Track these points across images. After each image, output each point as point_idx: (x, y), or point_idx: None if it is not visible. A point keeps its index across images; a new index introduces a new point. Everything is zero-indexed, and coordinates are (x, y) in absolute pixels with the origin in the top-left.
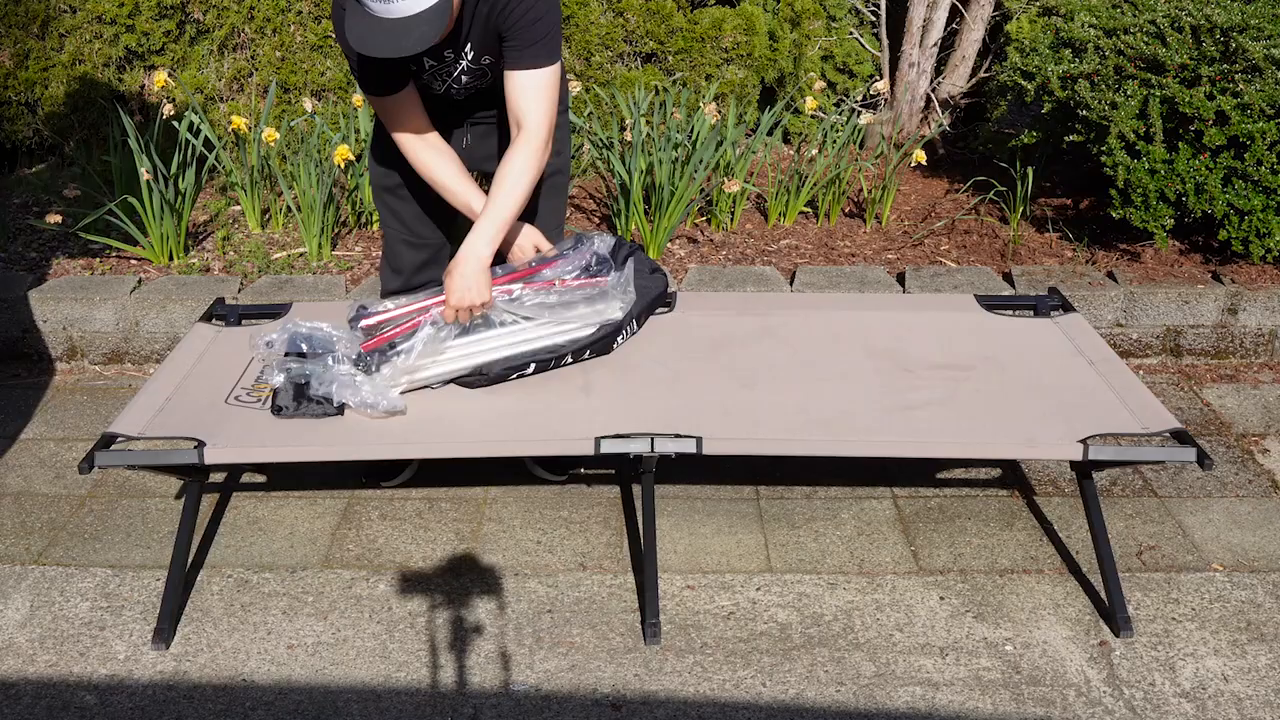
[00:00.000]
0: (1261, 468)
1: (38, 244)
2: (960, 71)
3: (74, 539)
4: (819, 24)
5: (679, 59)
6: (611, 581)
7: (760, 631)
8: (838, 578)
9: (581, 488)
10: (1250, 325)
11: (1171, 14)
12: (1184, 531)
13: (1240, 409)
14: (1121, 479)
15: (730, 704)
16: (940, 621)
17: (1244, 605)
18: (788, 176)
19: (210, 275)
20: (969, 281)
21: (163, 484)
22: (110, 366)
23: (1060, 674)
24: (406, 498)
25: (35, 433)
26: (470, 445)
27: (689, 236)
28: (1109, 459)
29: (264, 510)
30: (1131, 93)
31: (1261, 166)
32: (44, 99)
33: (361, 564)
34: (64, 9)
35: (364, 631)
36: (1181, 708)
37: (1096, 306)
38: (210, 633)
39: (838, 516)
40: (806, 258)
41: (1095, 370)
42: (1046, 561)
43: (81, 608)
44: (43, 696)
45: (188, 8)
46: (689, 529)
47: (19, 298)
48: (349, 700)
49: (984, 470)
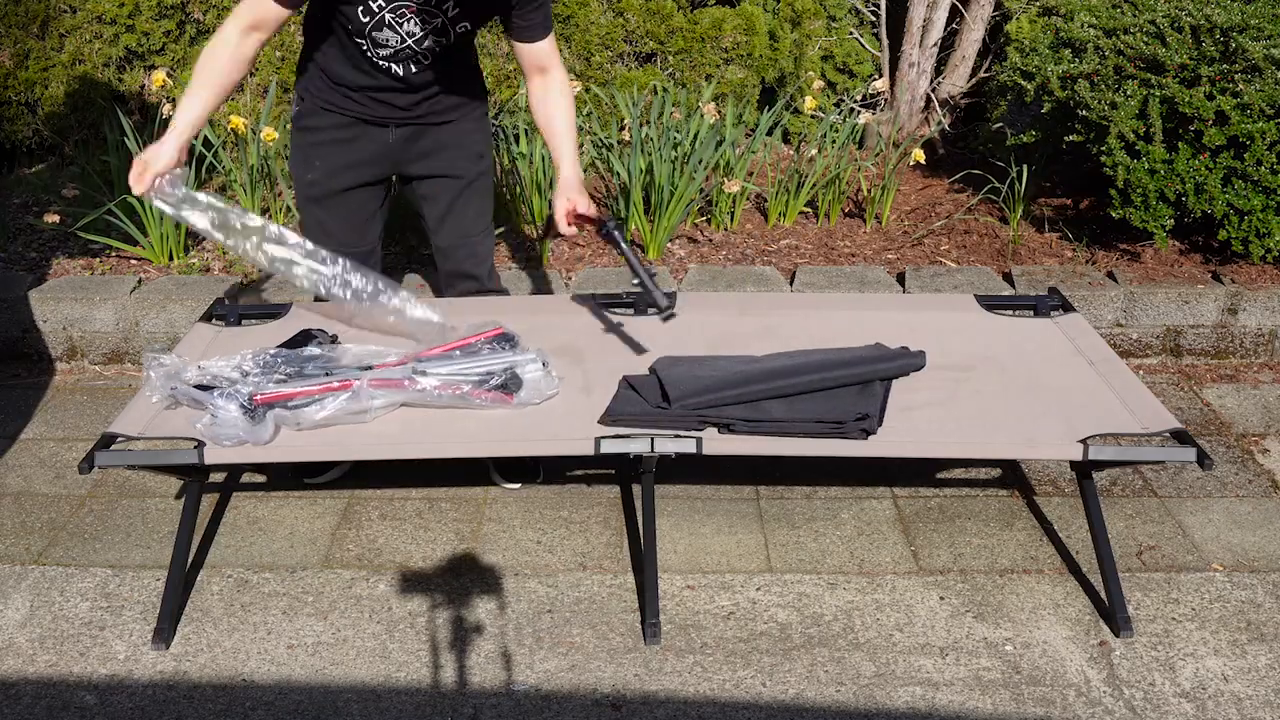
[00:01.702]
0: (1261, 468)
1: (38, 244)
2: (960, 71)
3: (74, 539)
4: (819, 24)
5: (679, 59)
6: (611, 581)
7: (760, 631)
8: (838, 578)
9: (581, 488)
10: (1250, 325)
11: (1171, 14)
12: (1184, 531)
13: (1240, 409)
14: (1121, 479)
15: (730, 704)
16: (940, 621)
17: (1244, 605)
18: (787, 176)
19: (210, 275)
20: (969, 281)
21: (163, 484)
22: (110, 366)
23: (1060, 674)
24: (406, 498)
25: (35, 433)
26: (470, 445)
27: (689, 236)
28: (1109, 459)
29: (264, 510)
30: (1131, 93)
31: (1261, 166)
32: (44, 99)
33: (361, 564)
34: (64, 9)
35: (364, 631)
36: (1181, 708)
37: (1096, 306)
38: (210, 633)
39: (838, 516)
40: (806, 258)
41: (1095, 370)
42: (1046, 561)
43: (81, 608)
44: (43, 696)
45: (188, 8)
46: (689, 529)
47: (19, 298)
48: (349, 700)
49: (984, 470)
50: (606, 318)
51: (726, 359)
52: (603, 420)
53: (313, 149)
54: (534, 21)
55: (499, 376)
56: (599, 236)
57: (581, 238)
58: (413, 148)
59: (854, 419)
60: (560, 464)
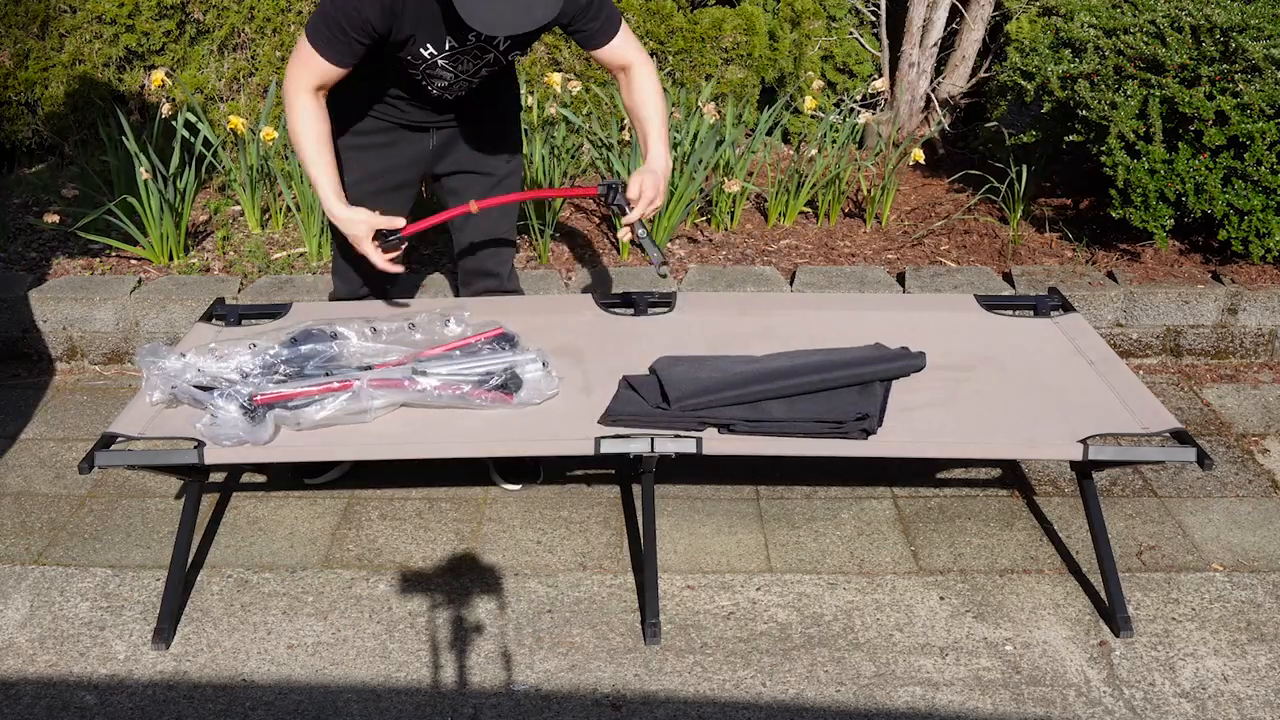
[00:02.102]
0: (1261, 468)
1: (38, 244)
2: (960, 71)
3: (74, 539)
4: (819, 24)
5: (679, 59)
6: (611, 581)
7: (760, 631)
8: (838, 578)
9: (581, 488)
10: (1250, 325)
11: (1171, 14)
12: (1184, 531)
13: (1240, 409)
14: (1121, 479)
15: (730, 704)
16: (940, 621)
17: (1244, 605)
18: (787, 176)
19: (210, 275)
20: (969, 281)
21: (163, 484)
22: (110, 366)
23: (1060, 674)
24: (406, 498)
25: (35, 433)
26: (470, 445)
27: (689, 236)
28: (1109, 459)
29: (264, 510)
30: (1131, 93)
31: (1261, 166)
32: (44, 99)
33: (361, 564)
34: (64, 9)
35: (364, 631)
36: (1181, 708)
37: (1096, 306)
38: (210, 633)
39: (838, 516)
40: (806, 258)
41: (1095, 370)
42: (1046, 561)
43: (81, 608)
44: (43, 696)
45: (188, 8)
46: (689, 529)
47: (19, 298)
48: (349, 700)
49: (984, 470)
50: (606, 318)
51: (726, 359)
52: (603, 420)
53: (349, 152)
54: (594, 28)
55: (499, 376)
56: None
57: (583, 237)
58: (448, 148)
59: (854, 419)
60: (560, 464)
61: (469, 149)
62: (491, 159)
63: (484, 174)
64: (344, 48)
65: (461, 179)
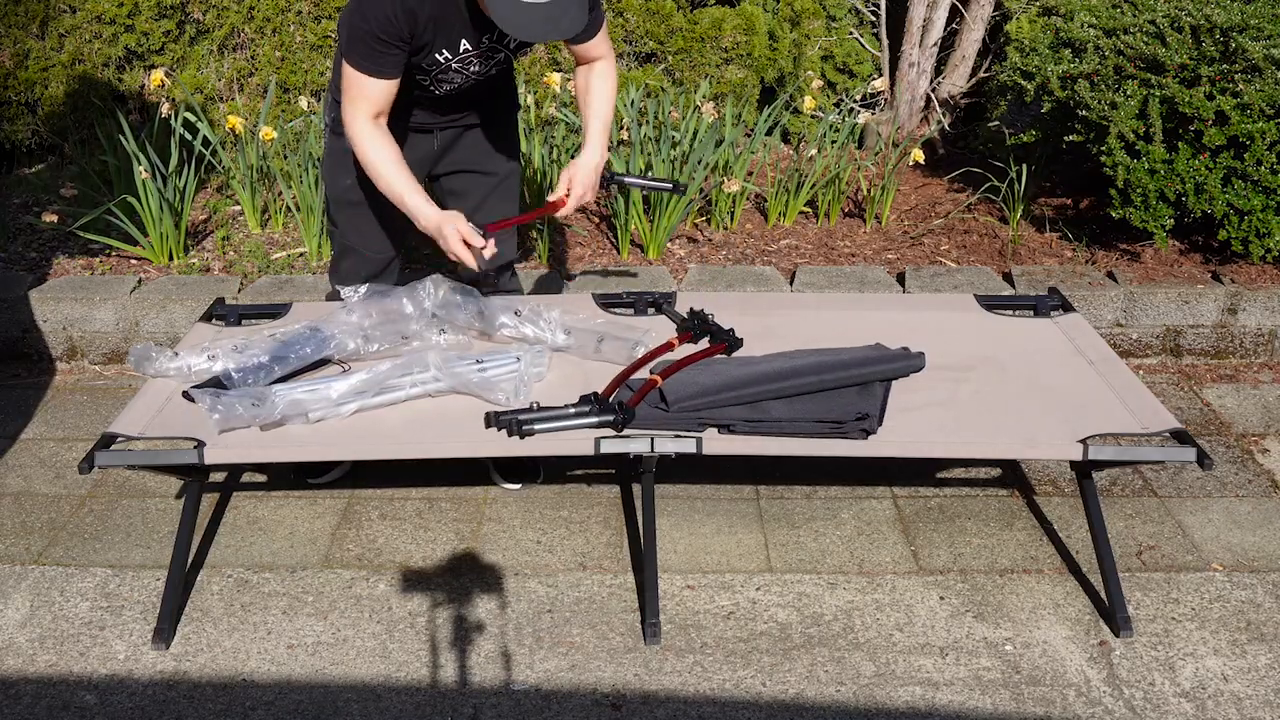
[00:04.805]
0: (1261, 468)
1: (38, 244)
2: (960, 71)
3: (74, 539)
4: (819, 24)
5: (678, 59)
6: (611, 581)
7: (760, 631)
8: (838, 578)
9: (582, 487)
10: (1250, 325)
11: (1171, 14)
12: (1184, 531)
13: (1240, 409)
14: (1121, 479)
15: (730, 704)
16: (940, 621)
17: (1244, 605)
18: (787, 176)
19: (210, 275)
20: (969, 281)
21: (163, 484)
22: (110, 366)
23: (1060, 674)
24: (406, 498)
25: (35, 433)
26: (470, 445)
27: (689, 236)
28: (1109, 459)
29: (264, 510)
30: (1131, 93)
31: (1261, 166)
32: (43, 99)
33: (361, 564)
34: (64, 9)
35: (364, 631)
36: (1181, 708)
37: (1096, 306)
38: (210, 633)
39: (838, 516)
40: (806, 258)
41: (1095, 370)
42: (1046, 561)
43: (81, 608)
44: (43, 696)
45: (188, 8)
46: (689, 529)
47: (19, 298)
48: (349, 700)
49: (984, 470)
50: (606, 317)
51: (725, 362)
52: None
53: (352, 155)
54: (590, 28)
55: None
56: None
57: (582, 237)
58: (450, 148)
59: (854, 419)
60: (560, 464)
61: (470, 149)
62: (492, 159)
63: (485, 174)
64: (384, 58)
65: (462, 179)
